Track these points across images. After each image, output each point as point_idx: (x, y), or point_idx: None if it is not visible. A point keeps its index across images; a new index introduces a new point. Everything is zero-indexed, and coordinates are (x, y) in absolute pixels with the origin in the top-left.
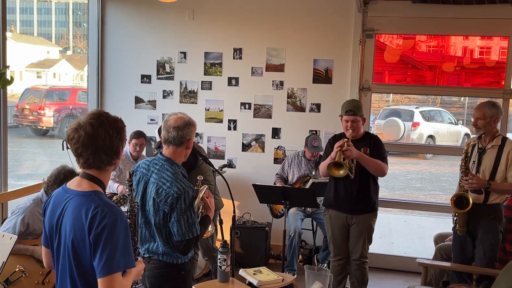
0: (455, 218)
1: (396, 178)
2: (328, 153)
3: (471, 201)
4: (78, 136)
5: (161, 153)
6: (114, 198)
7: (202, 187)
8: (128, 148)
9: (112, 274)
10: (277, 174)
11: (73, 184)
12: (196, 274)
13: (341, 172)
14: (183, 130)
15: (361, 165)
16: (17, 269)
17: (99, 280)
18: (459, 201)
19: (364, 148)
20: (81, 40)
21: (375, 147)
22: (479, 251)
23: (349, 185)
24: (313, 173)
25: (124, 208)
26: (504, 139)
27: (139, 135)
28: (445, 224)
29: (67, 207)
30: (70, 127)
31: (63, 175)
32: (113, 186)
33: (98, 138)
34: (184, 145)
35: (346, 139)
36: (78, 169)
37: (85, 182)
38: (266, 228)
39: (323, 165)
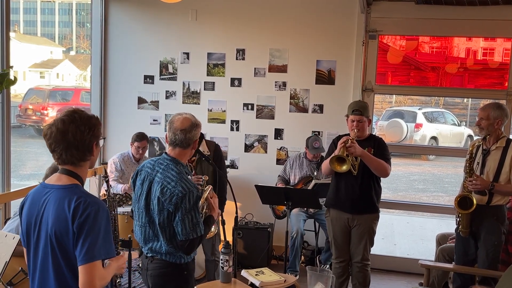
0: (458, 219)
1: (398, 179)
2: (331, 153)
3: (475, 202)
4: (50, 132)
5: (166, 153)
6: (117, 197)
7: (207, 187)
8: (130, 150)
9: (94, 261)
10: (279, 176)
11: (52, 180)
12: (199, 275)
13: (344, 167)
14: (190, 132)
15: (364, 164)
16: (19, 271)
17: (80, 268)
18: (462, 202)
19: (368, 148)
20: (84, 41)
21: (379, 148)
22: (481, 253)
23: (351, 183)
24: (315, 173)
25: (128, 208)
26: (509, 140)
27: (141, 138)
28: (448, 225)
29: (48, 200)
30: (47, 124)
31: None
32: (117, 187)
33: (68, 133)
34: (190, 147)
35: (350, 137)
36: None
37: (64, 176)
38: (268, 229)
39: (325, 163)
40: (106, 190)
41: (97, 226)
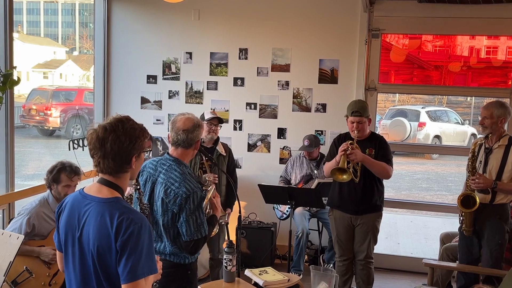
0: (461, 218)
1: (402, 178)
2: (332, 154)
3: (478, 201)
4: (91, 138)
5: (168, 153)
6: None
7: (210, 187)
8: None
9: (137, 280)
10: (281, 176)
11: (92, 190)
12: (202, 274)
13: (345, 177)
14: (192, 132)
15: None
16: (23, 270)
17: (124, 286)
18: (466, 200)
19: (369, 149)
20: (88, 41)
21: (380, 149)
22: (485, 252)
23: (353, 185)
24: (315, 172)
25: None
26: (511, 139)
27: None
28: (452, 224)
29: (89, 213)
30: (90, 128)
31: (60, 165)
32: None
33: (106, 143)
34: (193, 147)
35: (350, 142)
36: (82, 168)
37: (105, 188)
38: (272, 228)
39: (327, 167)
40: (137, 198)
41: (140, 243)
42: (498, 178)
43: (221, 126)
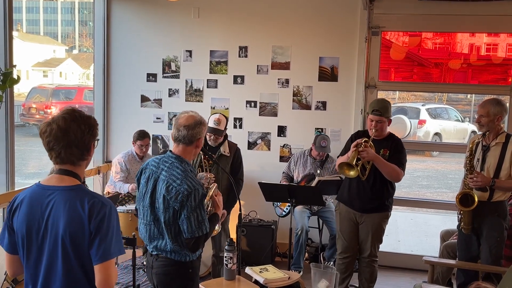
0: (460, 216)
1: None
2: (347, 148)
3: (476, 199)
4: (50, 129)
5: (170, 151)
6: (120, 196)
7: (212, 185)
8: (133, 148)
9: (110, 259)
10: (283, 172)
11: (51, 181)
12: (203, 272)
13: (352, 173)
14: (193, 129)
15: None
16: None
17: (97, 266)
18: (464, 199)
19: (384, 150)
20: (87, 39)
21: (396, 152)
22: (484, 249)
23: (363, 184)
24: (318, 172)
25: (132, 206)
26: (508, 136)
27: (142, 136)
28: (452, 222)
29: (54, 202)
30: (44, 122)
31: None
32: (124, 187)
33: (70, 131)
34: (194, 144)
35: (365, 139)
36: None
37: (66, 177)
38: (272, 226)
39: (339, 161)
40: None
41: (111, 225)
42: (496, 175)
43: (223, 136)
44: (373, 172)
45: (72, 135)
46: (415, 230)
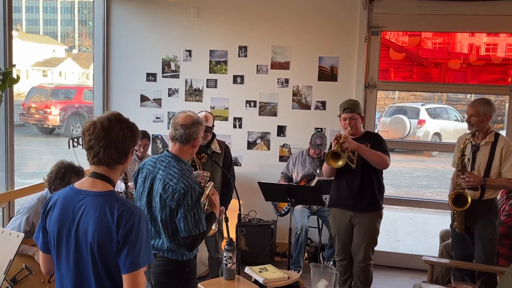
0: (453, 216)
1: (402, 176)
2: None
3: (469, 199)
4: (94, 128)
5: (167, 150)
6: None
7: (208, 184)
8: None
9: (138, 269)
10: (282, 173)
11: (84, 184)
12: (202, 272)
13: (340, 162)
14: (190, 128)
15: (364, 160)
16: (23, 268)
17: (125, 276)
18: (457, 199)
19: (364, 144)
20: (87, 39)
21: (376, 142)
22: (477, 247)
23: (352, 180)
24: (318, 171)
25: None
26: (497, 135)
27: (142, 136)
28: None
29: (85, 207)
30: (88, 120)
31: (63, 169)
32: (121, 185)
33: (112, 132)
34: (191, 144)
35: (344, 135)
36: (83, 166)
37: (99, 182)
38: (271, 226)
39: (325, 164)
40: (124, 191)
41: (140, 234)
42: (486, 174)
43: (212, 132)
44: (360, 169)
45: (114, 136)
46: (415, 230)
